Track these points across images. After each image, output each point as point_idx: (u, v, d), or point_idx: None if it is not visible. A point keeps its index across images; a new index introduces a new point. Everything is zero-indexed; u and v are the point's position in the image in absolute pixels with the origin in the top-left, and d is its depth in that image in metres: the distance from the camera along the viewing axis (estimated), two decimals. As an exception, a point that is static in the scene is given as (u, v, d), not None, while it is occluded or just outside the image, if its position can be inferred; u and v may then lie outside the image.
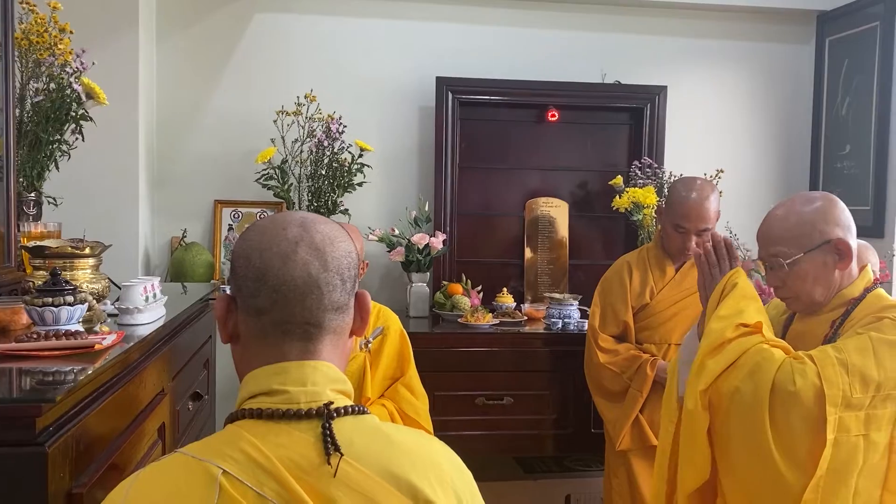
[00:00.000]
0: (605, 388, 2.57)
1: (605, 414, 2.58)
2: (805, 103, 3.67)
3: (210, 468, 0.85)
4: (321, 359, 0.96)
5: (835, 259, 1.63)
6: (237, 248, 0.98)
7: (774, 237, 1.68)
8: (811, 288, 1.66)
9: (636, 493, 2.46)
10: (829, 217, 1.64)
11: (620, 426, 2.48)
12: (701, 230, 2.46)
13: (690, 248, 2.47)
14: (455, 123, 3.35)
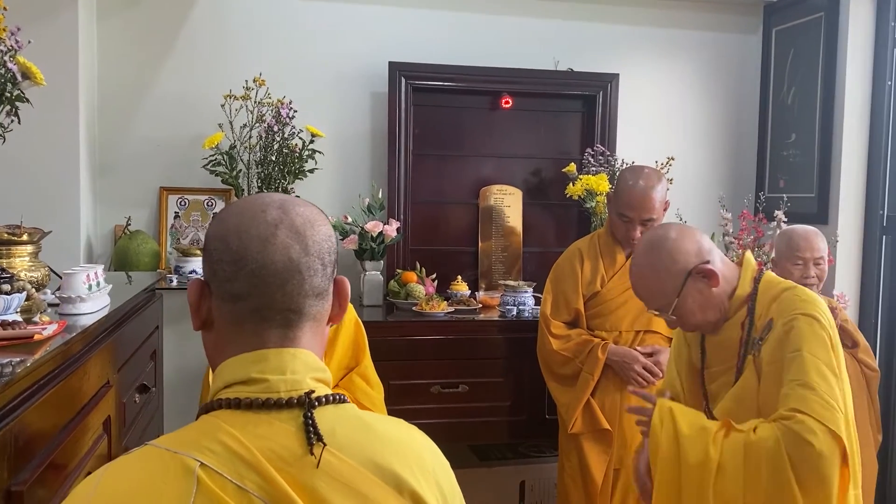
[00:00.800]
0: (558, 372, 2.59)
1: (557, 398, 2.60)
2: (752, 92, 3.73)
3: (186, 461, 0.81)
4: (300, 346, 0.92)
5: (705, 282, 1.70)
6: (212, 230, 0.94)
7: (646, 298, 1.78)
8: (702, 315, 1.73)
9: (587, 475, 2.49)
10: (677, 256, 1.71)
11: (573, 410, 2.50)
12: (645, 220, 2.47)
13: (635, 237, 2.49)
14: (408, 109, 3.31)
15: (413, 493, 0.87)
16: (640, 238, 2.46)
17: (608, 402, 2.51)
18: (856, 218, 3.25)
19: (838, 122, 3.26)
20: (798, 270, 2.59)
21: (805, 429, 1.49)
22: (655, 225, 2.52)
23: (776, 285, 1.71)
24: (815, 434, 1.48)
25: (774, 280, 1.74)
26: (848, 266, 3.25)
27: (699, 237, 1.75)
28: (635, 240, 2.49)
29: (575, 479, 2.53)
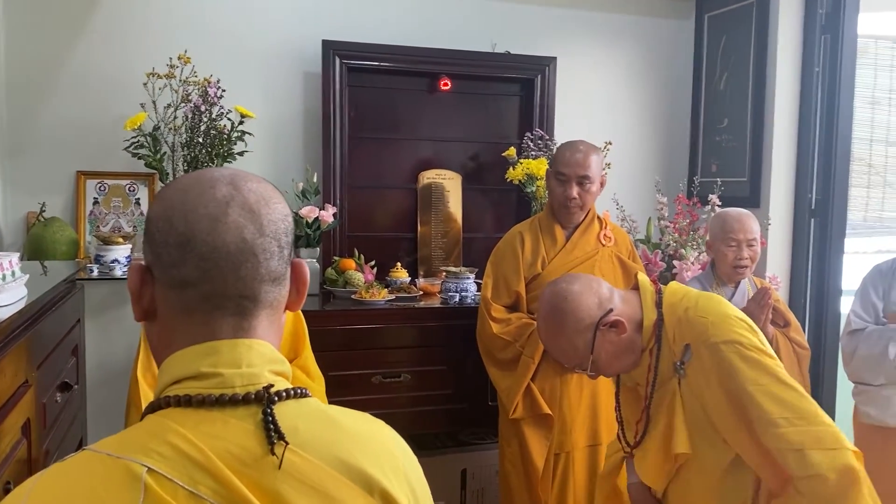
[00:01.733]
0: (498, 357, 2.55)
1: (498, 383, 2.56)
2: (686, 78, 3.77)
3: (132, 466, 0.72)
4: (256, 337, 0.84)
5: (614, 332, 1.69)
6: (154, 210, 0.84)
7: (561, 358, 1.78)
8: (619, 363, 1.73)
9: (528, 460, 2.47)
10: (580, 314, 1.69)
11: (514, 394, 2.47)
12: (581, 176, 2.50)
13: (571, 195, 2.48)
14: (343, 90, 3.19)
15: (384, 493, 0.80)
16: (576, 197, 2.50)
17: (548, 386, 2.48)
18: (786, 201, 3.33)
19: (769, 108, 3.32)
20: (732, 252, 2.62)
21: (819, 484, 1.48)
22: (591, 189, 2.53)
23: (677, 304, 1.70)
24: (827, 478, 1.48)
25: (674, 297, 1.72)
26: (779, 248, 3.32)
27: (596, 285, 1.74)
28: (572, 200, 2.51)
29: (516, 465, 2.50)
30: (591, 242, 2.58)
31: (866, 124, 4.18)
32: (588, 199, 2.55)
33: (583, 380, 2.49)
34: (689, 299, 1.69)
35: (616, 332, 1.69)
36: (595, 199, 2.60)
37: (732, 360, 1.57)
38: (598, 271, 2.53)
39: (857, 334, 2.63)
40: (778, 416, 1.51)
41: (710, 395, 1.60)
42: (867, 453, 2.62)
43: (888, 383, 2.55)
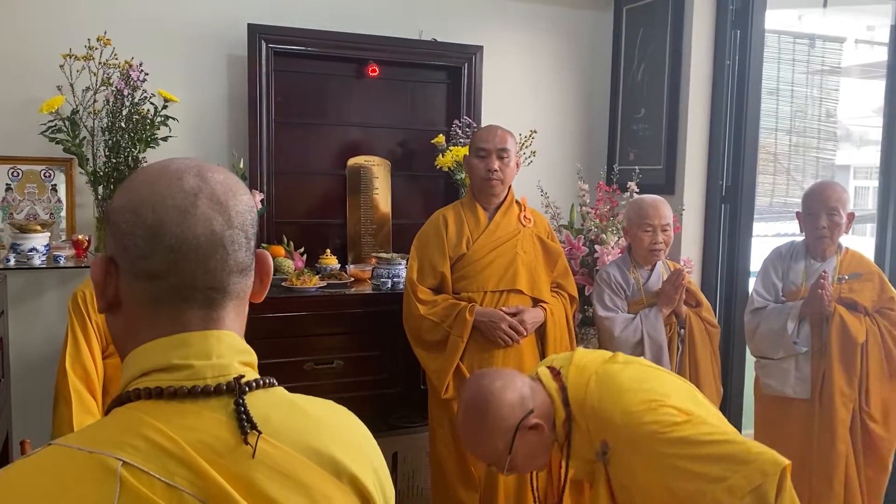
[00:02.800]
0: (426, 339, 2.60)
1: (427, 365, 2.61)
2: (606, 68, 3.89)
3: (106, 460, 0.72)
4: (224, 328, 0.85)
5: (533, 433, 1.70)
6: (119, 201, 0.83)
7: (479, 456, 1.82)
8: (534, 461, 1.77)
9: (460, 440, 2.51)
10: (503, 413, 1.69)
11: (444, 375, 2.53)
12: (500, 149, 2.60)
13: (492, 167, 2.56)
14: (270, 75, 3.15)
15: (352, 478, 0.83)
16: (497, 170, 2.57)
17: (476, 364, 2.55)
18: (699, 188, 3.50)
19: (684, 99, 3.48)
20: (647, 237, 2.76)
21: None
22: (510, 164, 2.62)
23: (583, 400, 1.70)
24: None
25: (579, 393, 1.72)
26: (692, 232, 3.49)
27: (518, 382, 1.74)
28: (493, 172, 2.59)
29: (448, 445, 2.57)
30: (512, 223, 2.66)
31: (771, 115, 4.43)
32: (508, 175, 2.64)
33: (509, 356, 2.57)
34: (591, 395, 1.69)
35: (535, 434, 1.69)
36: (513, 177, 2.69)
37: (653, 452, 1.58)
38: (521, 250, 2.62)
39: (759, 312, 2.82)
40: (716, 475, 1.52)
41: (637, 484, 1.62)
42: (768, 422, 2.84)
43: (787, 356, 2.75)
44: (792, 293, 2.82)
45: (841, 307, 2.68)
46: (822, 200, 2.73)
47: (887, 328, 2.69)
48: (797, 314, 2.72)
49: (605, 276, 2.81)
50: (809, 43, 4.59)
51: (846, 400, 2.67)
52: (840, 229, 2.75)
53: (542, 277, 2.68)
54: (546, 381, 1.77)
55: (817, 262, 2.80)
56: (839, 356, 2.66)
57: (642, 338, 2.66)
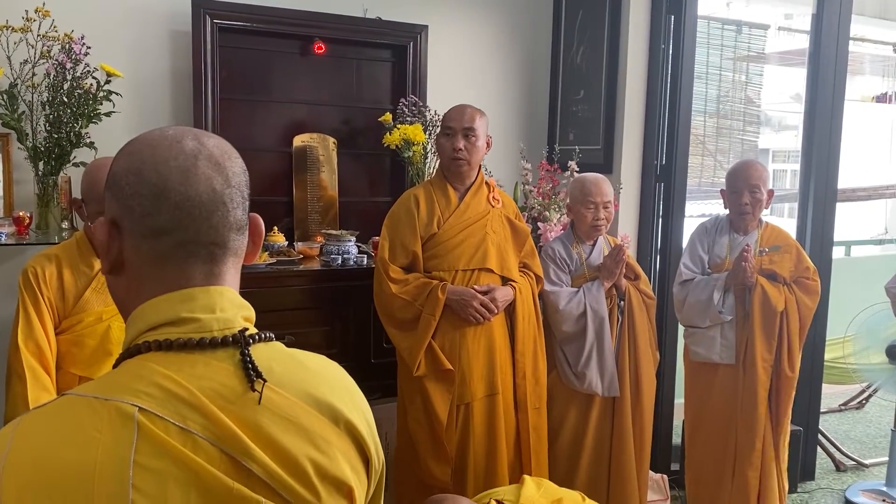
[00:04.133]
0: (398, 317, 2.64)
1: (399, 343, 2.65)
2: (546, 50, 3.99)
3: (122, 406, 0.77)
4: (224, 283, 0.90)
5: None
6: (121, 165, 0.88)
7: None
8: None
9: (432, 415, 2.59)
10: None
11: (416, 352, 2.57)
12: (466, 128, 2.66)
13: (458, 147, 2.63)
14: (215, 51, 3.12)
15: (348, 423, 0.89)
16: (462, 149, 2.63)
17: (448, 342, 2.61)
18: (635, 167, 3.65)
19: (621, 82, 3.61)
20: (590, 213, 2.88)
21: None
22: (477, 144, 2.68)
23: None
24: None
25: None
26: (629, 209, 3.64)
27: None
28: (458, 151, 2.64)
29: (420, 421, 2.61)
30: (482, 203, 2.72)
31: (699, 98, 4.62)
32: (475, 155, 2.68)
33: (479, 333, 2.64)
34: None
35: None
36: (482, 157, 2.74)
37: None
38: (491, 230, 2.69)
39: (687, 284, 2.98)
40: None
41: None
42: (697, 386, 3.02)
43: (713, 325, 2.91)
44: (717, 265, 2.98)
45: (762, 278, 2.86)
46: (744, 178, 2.88)
47: (801, 297, 2.88)
48: (722, 285, 2.88)
49: (550, 252, 2.92)
50: (737, 29, 4.80)
51: (766, 364, 2.85)
52: (761, 205, 2.92)
53: (510, 257, 2.75)
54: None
55: (740, 236, 2.96)
56: (761, 324, 2.84)
57: (585, 310, 2.79)
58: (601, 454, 2.89)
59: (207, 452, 0.78)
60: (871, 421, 4.81)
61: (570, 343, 2.83)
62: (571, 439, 2.89)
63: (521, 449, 2.74)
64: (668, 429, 3.67)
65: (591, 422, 2.87)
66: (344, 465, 0.87)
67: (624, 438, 2.87)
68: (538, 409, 2.77)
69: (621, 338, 2.87)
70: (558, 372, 2.89)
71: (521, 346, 2.73)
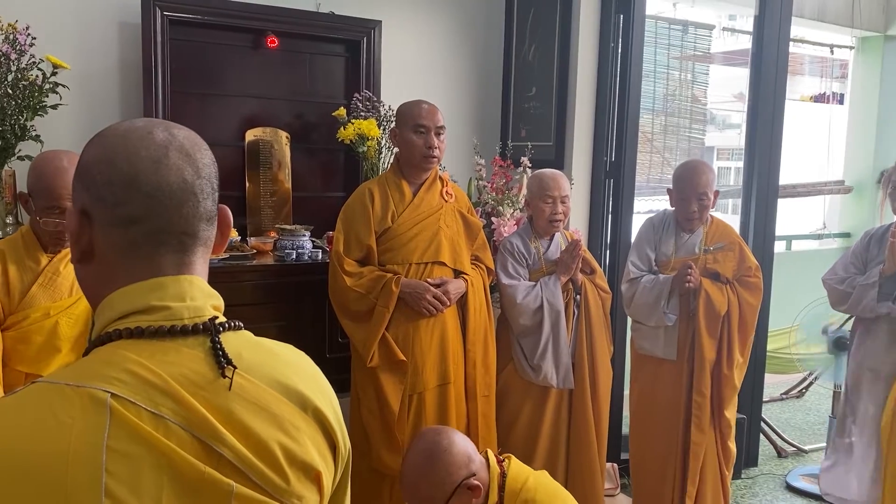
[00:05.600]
0: (353, 309, 2.66)
1: (354, 335, 2.67)
2: (499, 47, 4.03)
3: (94, 393, 0.77)
4: (194, 273, 0.91)
5: (469, 494, 1.90)
6: (91, 155, 0.89)
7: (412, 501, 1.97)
8: None
9: (385, 405, 2.62)
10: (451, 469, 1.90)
11: (370, 344, 2.60)
12: (439, 127, 2.70)
13: (433, 144, 2.65)
14: (165, 44, 3.08)
15: (316, 410, 0.91)
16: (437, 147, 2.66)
17: (401, 333, 2.64)
18: (586, 164, 3.72)
19: (572, 79, 3.67)
20: (548, 208, 2.93)
21: None
22: (444, 141, 2.71)
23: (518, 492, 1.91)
24: None
25: (516, 484, 1.94)
26: (580, 205, 3.71)
27: (470, 447, 1.95)
28: (434, 149, 2.67)
29: (373, 411, 2.65)
30: (435, 198, 2.75)
31: (647, 97, 4.73)
32: (442, 152, 2.73)
33: (432, 325, 2.68)
34: (528, 490, 1.90)
35: (471, 495, 1.88)
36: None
37: None
38: (444, 224, 2.72)
39: (635, 283, 3.04)
40: None
41: None
42: (642, 378, 3.10)
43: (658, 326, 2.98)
44: (664, 263, 3.05)
45: (707, 281, 2.90)
46: (692, 187, 2.90)
47: (743, 296, 2.95)
48: (668, 291, 2.92)
49: (509, 246, 2.97)
50: (683, 29, 4.93)
51: (710, 365, 2.91)
52: (708, 210, 2.97)
53: (463, 250, 2.79)
54: (491, 462, 1.96)
55: (686, 235, 3.04)
56: (705, 326, 2.89)
57: (542, 304, 2.84)
58: (556, 446, 2.95)
59: (179, 437, 0.79)
60: (810, 409, 5.00)
61: (527, 336, 2.88)
62: (526, 431, 2.94)
63: (471, 436, 2.78)
64: (617, 418, 3.76)
65: (547, 414, 2.93)
66: (312, 450, 0.89)
67: (582, 430, 2.93)
68: (487, 397, 2.83)
69: (577, 331, 2.93)
70: (514, 365, 2.94)
71: (473, 336, 2.78)
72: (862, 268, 2.98)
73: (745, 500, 3.67)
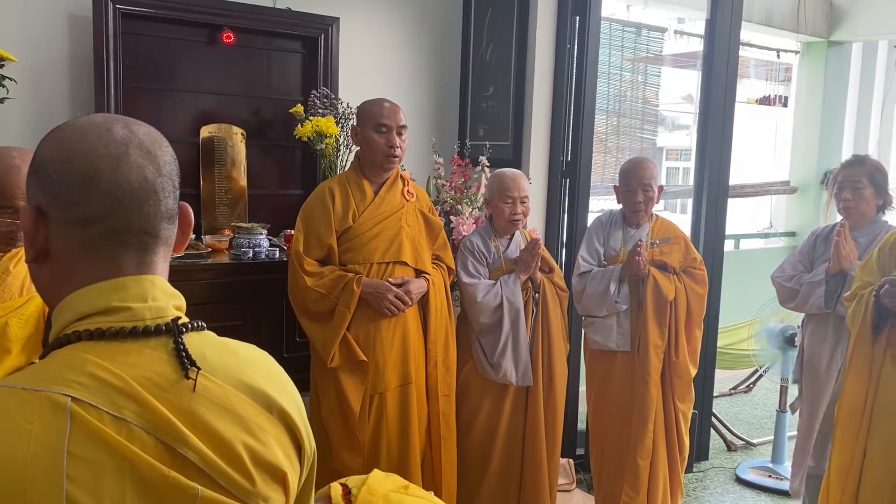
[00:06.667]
0: (313, 310, 2.63)
1: (314, 335, 2.65)
2: (457, 46, 4.04)
3: (54, 397, 0.75)
4: (155, 272, 0.90)
5: None
6: (47, 152, 0.86)
7: None
8: None
9: (345, 406, 2.60)
10: None
11: (331, 344, 2.57)
12: (401, 126, 2.68)
13: (395, 144, 2.64)
14: (117, 37, 3.00)
15: (281, 411, 0.91)
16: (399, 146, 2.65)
17: (362, 333, 2.62)
18: (542, 163, 3.76)
19: (529, 79, 3.70)
20: (508, 208, 2.96)
21: None
22: (406, 140, 2.71)
23: None
24: None
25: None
26: (537, 205, 3.74)
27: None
28: (396, 148, 2.66)
29: (333, 412, 2.62)
30: (396, 197, 2.74)
31: (601, 97, 4.80)
32: (404, 151, 2.72)
33: (394, 325, 2.67)
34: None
35: None
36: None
37: None
38: (406, 223, 2.71)
39: (585, 276, 3.09)
40: None
41: None
42: (597, 373, 3.15)
43: (609, 314, 3.04)
44: (612, 258, 3.10)
45: (654, 269, 2.98)
46: (637, 178, 2.99)
47: (690, 285, 3.04)
48: (617, 277, 2.99)
49: (469, 245, 2.98)
50: (636, 31, 5.01)
51: (658, 351, 2.98)
52: (652, 202, 3.05)
53: (424, 250, 2.78)
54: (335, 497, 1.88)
55: (633, 230, 3.09)
56: (653, 313, 2.96)
57: (502, 302, 2.86)
58: (514, 442, 2.98)
59: (142, 441, 0.78)
60: (757, 403, 5.15)
61: (487, 334, 2.90)
62: (485, 428, 2.96)
63: (431, 436, 2.79)
64: (573, 414, 3.81)
65: (505, 411, 2.95)
66: (278, 451, 0.88)
67: (537, 426, 2.96)
68: (447, 396, 2.84)
69: (535, 329, 2.96)
70: (474, 363, 2.95)
71: (434, 335, 2.78)
72: (809, 266, 3.08)
73: (697, 492, 3.76)
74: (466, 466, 2.99)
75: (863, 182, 2.89)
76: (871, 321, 2.27)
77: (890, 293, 2.19)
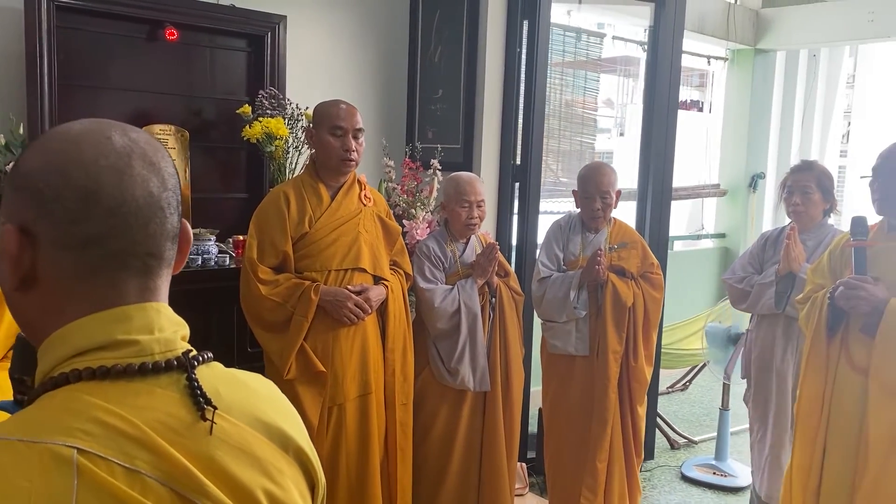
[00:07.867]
0: (268, 319, 2.52)
1: (268, 346, 2.54)
2: (404, 48, 3.99)
3: (56, 449, 0.65)
4: (159, 299, 0.80)
5: None
6: (38, 162, 0.75)
7: None
8: None
9: (303, 418, 2.50)
10: None
11: (287, 355, 2.47)
12: (356, 129, 2.60)
13: (351, 148, 2.57)
14: (51, 32, 2.82)
15: (297, 450, 0.84)
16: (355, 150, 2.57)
17: (320, 343, 2.53)
18: (493, 166, 3.74)
19: (480, 83, 3.68)
20: (465, 212, 2.93)
21: None
22: (362, 143, 2.63)
23: None
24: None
25: None
26: (488, 208, 3.69)
27: None
28: (352, 152, 2.57)
29: None
30: (354, 202, 2.66)
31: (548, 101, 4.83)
32: (360, 154, 2.63)
33: (353, 334, 2.59)
34: None
35: None
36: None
37: None
38: (363, 229, 2.63)
39: (545, 281, 3.09)
40: None
41: None
42: (555, 377, 3.15)
43: (569, 320, 3.05)
44: (572, 262, 3.12)
45: (612, 275, 3.01)
46: (596, 185, 2.99)
47: (647, 290, 3.08)
48: (577, 283, 3.02)
49: (425, 250, 2.93)
50: (576, 36, 5.07)
51: (617, 356, 3.02)
52: (611, 208, 3.07)
53: (382, 256, 2.71)
54: None
55: (592, 234, 3.11)
56: (612, 318, 2.99)
57: (459, 307, 2.82)
58: (472, 447, 2.95)
59: (158, 494, 0.68)
60: (695, 401, 5.28)
61: (444, 340, 2.86)
62: (443, 434, 2.92)
63: (388, 446, 2.73)
64: (525, 418, 3.81)
65: (463, 417, 2.92)
66: (295, 493, 0.81)
67: (496, 431, 2.94)
68: (405, 405, 2.78)
69: (493, 333, 2.93)
70: (430, 369, 2.91)
71: (392, 343, 2.72)
72: (759, 268, 3.16)
73: (646, 491, 3.81)
74: (423, 475, 2.94)
75: (811, 187, 2.99)
76: (825, 323, 2.34)
77: (844, 295, 2.25)
